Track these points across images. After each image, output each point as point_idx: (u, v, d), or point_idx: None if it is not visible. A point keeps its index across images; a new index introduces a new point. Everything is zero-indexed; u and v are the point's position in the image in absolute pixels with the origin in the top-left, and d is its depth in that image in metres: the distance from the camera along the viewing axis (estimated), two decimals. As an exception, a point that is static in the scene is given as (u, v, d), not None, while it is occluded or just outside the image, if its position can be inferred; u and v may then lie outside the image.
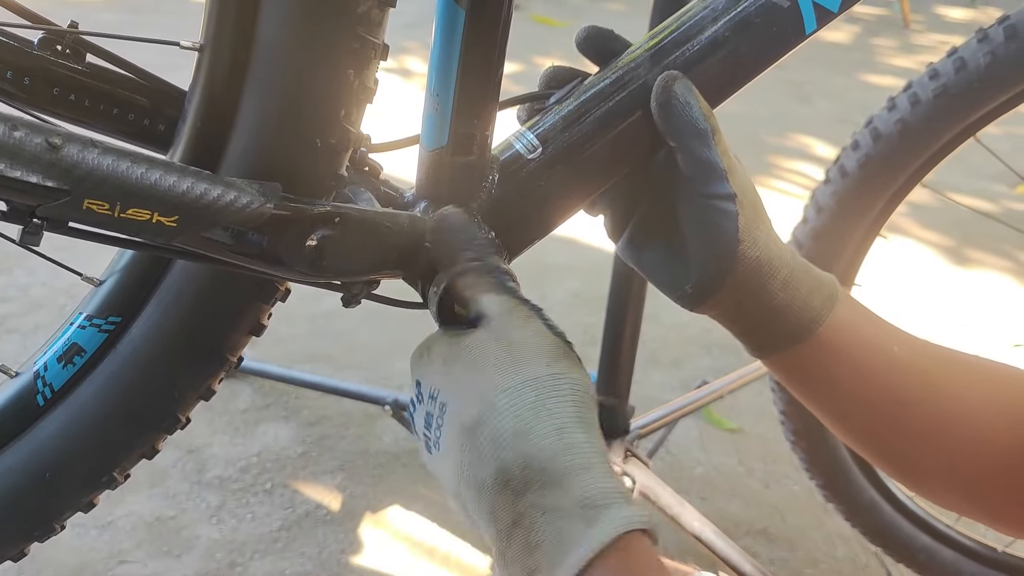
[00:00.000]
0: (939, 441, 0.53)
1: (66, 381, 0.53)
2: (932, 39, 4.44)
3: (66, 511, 0.57)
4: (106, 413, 0.53)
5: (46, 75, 0.46)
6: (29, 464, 0.54)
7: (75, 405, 0.53)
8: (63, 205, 0.39)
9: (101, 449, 0.55)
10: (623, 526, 0.37)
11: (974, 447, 0.52)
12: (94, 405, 0.53)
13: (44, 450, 0.54)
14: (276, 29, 0.44)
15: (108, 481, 0.56)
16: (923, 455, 0.54)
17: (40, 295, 1.52)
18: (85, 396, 0.53)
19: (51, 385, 0.53)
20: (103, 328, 0.52)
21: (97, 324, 0.52)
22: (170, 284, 0.51)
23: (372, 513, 1.13)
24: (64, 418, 0.54)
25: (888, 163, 0.80)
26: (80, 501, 0.57)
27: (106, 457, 0.55)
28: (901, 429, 0.53)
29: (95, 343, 0.52)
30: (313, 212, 0.45)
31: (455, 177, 0.50)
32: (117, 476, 0.56)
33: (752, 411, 1.40)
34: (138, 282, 0.51)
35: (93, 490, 0.57)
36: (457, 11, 0.46)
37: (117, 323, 0.52)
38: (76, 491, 0.56)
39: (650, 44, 0.52)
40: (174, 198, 0.41)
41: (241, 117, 0.46)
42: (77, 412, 0.53)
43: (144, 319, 0.52)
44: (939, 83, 0.77)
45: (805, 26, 0.51)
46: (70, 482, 0.56)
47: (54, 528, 0.58)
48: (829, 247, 0.84)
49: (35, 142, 0.38)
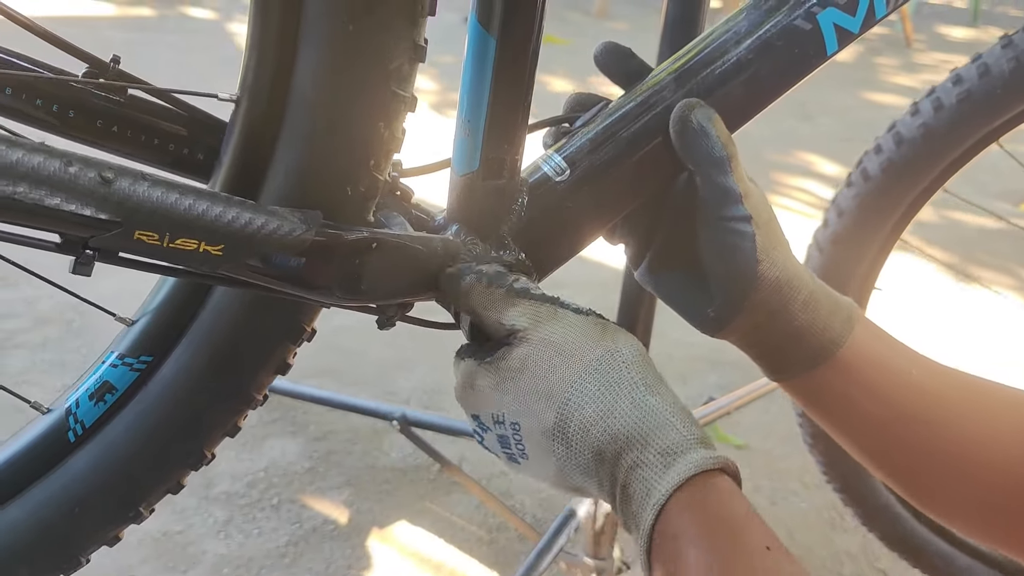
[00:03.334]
0: (957, 466, 0.53)
1: (97, 418, 0.54)
2: (934, 58, 4.46)
3: (92, 545, 0.58)
4: (135, 450, 0.54)
5: (90, 107, 0.47)
6: (59, 499, 0.55)
7: (105, 442, 0.54)
8: (115, 236, 0.40)
9: (129, 485, 0.55)
10: (696, 467, 0.41)
11: (992, 474, 0.52)
12: (123, 442, 0.54)
13: (74, 485, 0.55)
14: (311, 83, 0.45)
15: (134, 516, 0.57)
16: (941, 479, 0.54)
17: (47, 310, 1.52)
18: (115, 433, 0.54)
19: (82, 422, 0.54)
20: (135, 367, 0.53)
21: (129, 363, 0.53)
22: (201, 325, 0.52)
23: (379, 528, 1.13)
24: (94, 454, 0.54)
25: (910, 167, 0.80)
26: (106, 535, 0.58)
27: (133, 493, 0.56)
28: (918, 452, 0.53)
29: (126, 381, 0.53)
30: (352, 238, 0.46)
31: (486, 201, 0.51)
32: (143, 511, 0.57)
33: (758, 428, 1.40)
34: (170, 323, 0.53)
35: (119, 524, 0.57)
36: (488, 39, 0.47)
37: (148, 362, 0.53)
38: (103, 525, 0.57)
39: (674, 67, 0.53)
40: (220, 228, 0.43)
41: (275, 166, 0.47)
42: (107, 449, 0.54)
43: (175, 359, 0.53)
44: (963, 88, 0.77)
45: (827, 47, 0.51)
46: (98, 517, 0.56)
47: (80, 562, 0.58)
48: (850, 251, 0.85)
49: (89, 176, 0.39)
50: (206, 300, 0.52)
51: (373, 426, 1.31)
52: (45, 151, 0.39)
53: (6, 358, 1.39)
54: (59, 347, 1.43)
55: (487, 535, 1.13)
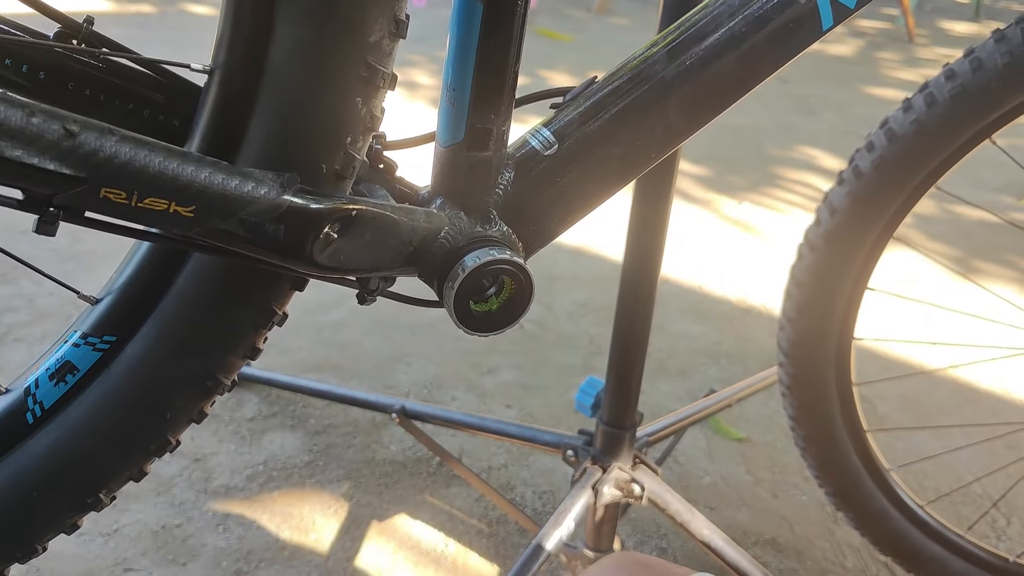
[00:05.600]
0: None
1: (57, 399, 0.52)
2: (936, 52, 4.45)
3: (50, 532, 0.56)
4: (96, 433, 0.52)
5: (61, 69, 0.45)
6: (15, 482, 0.53)
7: (65, 424, 0.52)
8: (80, 194, 0.39)
9: (89, 470, 0.54)
10: None
11: None
12: (85, 425, 0.52)
13: (31, 469, 0.53)
14: (287, 54, 0.44)
15: (94, 503, 0.55)
16: None
17: (46, 305, 1.52)
18: (76, 415, 0.52)
19: (41, 403, 0.52)
20: (97, 347, 0.51)
21: (92, 343, 0.51)
22: (168, 305, 0.50)
23: (379, 522, 1.12)
24: (53, 437, 0.53)
25: (903, 164, 0.79)
26: (65, 522, 0.56)
27: (94, 478, 0.54)
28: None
29: (88, 361, 0.51)
30: (330, 205, 0.45)
31: (471, 173, 0.50)
32: (103, 498, 0.55)
33: (760, 421, 1.39)
34: (135, 302, 0.51)
35: (79, 511, 0.56)
36: (475, 5, 0.46)
37: (112, 342, 0.51)
38: (62, 512, 0.55)
39: (667, 40, 0.52)
40: (192, 187, 0.41)
41: (248, 141, 0.46)
42: (67, 431, 0.52)
43: (139, 339, 0.51)
44: (956, 83, 0.76)
45: (822, 22, 0.51)
46: (56, 502, 0.54)
47: (36, 550, 0.56)
48: (843, 249, 0.84)
49: (52, 128, 0.37)
50: (174, 279, 0.50)
51: (372, 419, 1.31)
52: (5, 100, 0.37)
53: (5, 352, 1.39)
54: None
55: (487, 528, 1.13)
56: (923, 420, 1.43)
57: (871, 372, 1.51)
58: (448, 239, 0.49)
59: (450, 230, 0.49)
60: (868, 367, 1.52)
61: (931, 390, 1.50)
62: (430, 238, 0.48)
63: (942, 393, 1.50)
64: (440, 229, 0.48)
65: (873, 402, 1.45)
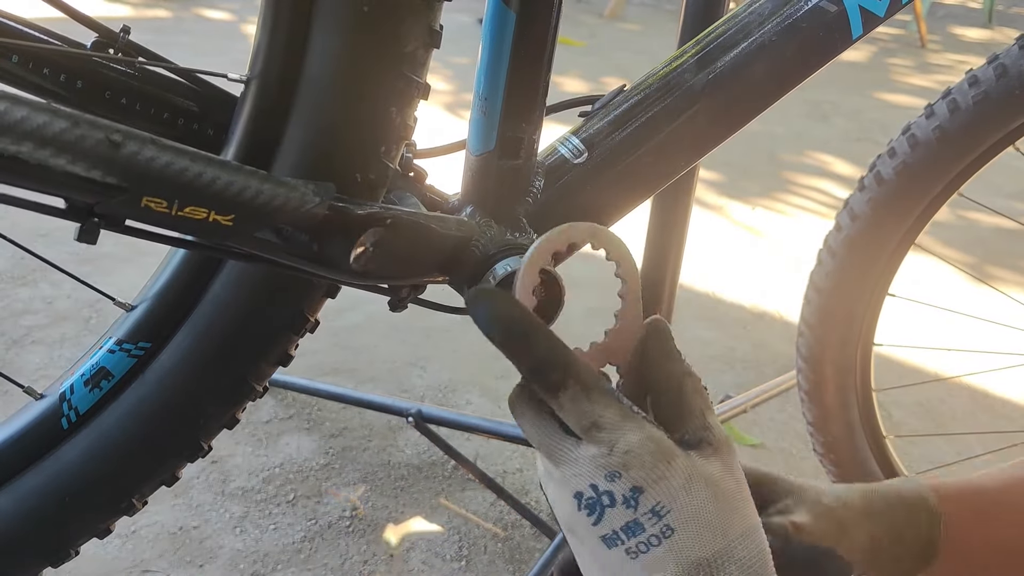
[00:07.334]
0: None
1: (92, 405, 0.53)
2: (948, 58, 4.44)
3: (82, 536, 0.56)
4: (130, 439, 0.53)
5: (98, 78, 0.46)
6: (50, 487, 0.53)
7: (99, 430, 0.53)
8: (122, 203, 0.39)
9: (122, 475, 0.54)
10: None
11: None
12: (119, 430, 0.53)
13: (65, 474, 0.53)
14: (324, 65, 0.44)
15: (127, 507, 0.55)
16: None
17: (65, 307, 1.53)
18: (110, 421, 0.53)
19: (76, 408, 0.53)
20: (132, 353, 0.52)
21: (127, 349, 0.52)
22: (202, 312, 0.51)
23: (394, 525, 1.13)
24: (87, 442, 0.53)
25: (926, 171, 0.79)
26: (97, 526, 0.56)
27: (127, 483, 0.55)
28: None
29: (123, 368, 0.52)
30: (365, 213, 0.45)
31: (502, 181, 0.50)
32: (135, 502, 0.56)
33: (774, 427, 1.39)
34: (170, 309, 0.51)
35: (111, 516, 0.56)
36: (508, 14, 0.46)
37: (147, 349, 0.51)
38: (94, 516, 0.56)
39: (696, 49, 0.52)
40: (231, 196, 0.41)
41: (284, 150, 0.46)
42: (101, 437, 0.53)
43: (174, 346, 0.51)
44: (979, 90, 0.76)
45: (852, 30, 0.51)
46: (89, 507, 0.55)
47: (69, 553, 0.56)
48: (864, 255, 0.84)
49: (96, 138, 0.38)
50: (208, 286, 0.50)
51: (388, 423, 1.31)
52: (51, 110, 0.37)
53: (24, 354, 1.39)
54: (76, 344, 1.43)
55: (502, 532, 1.13)
56: (938, 427, 1.43)
57: (887, 379, 1.51)
58: (479, 247, 0.50)
59: (481, 238, 0.49)
60: (883, 374, 1.52)
61: (946, 396, 1.50)
62: (461, 246, 0.48)
63: (957, 400, 1.50)
64: (471, 237, 0.49)
65: (888, 408, 1.45)
